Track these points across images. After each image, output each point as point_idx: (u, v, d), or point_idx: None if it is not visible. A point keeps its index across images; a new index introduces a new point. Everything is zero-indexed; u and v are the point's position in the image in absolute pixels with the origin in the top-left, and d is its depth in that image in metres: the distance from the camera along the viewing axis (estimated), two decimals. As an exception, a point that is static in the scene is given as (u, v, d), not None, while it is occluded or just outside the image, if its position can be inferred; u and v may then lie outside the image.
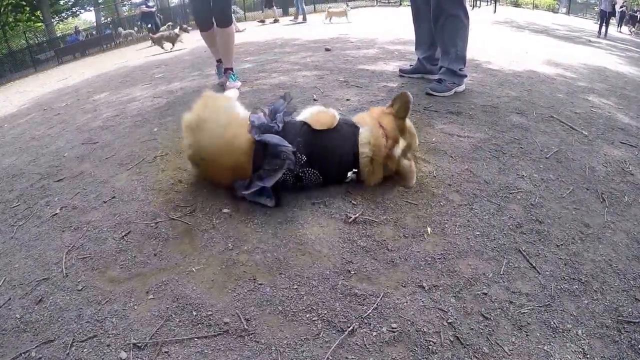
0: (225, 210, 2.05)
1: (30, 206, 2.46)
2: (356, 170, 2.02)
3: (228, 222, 1.97)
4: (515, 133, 2.79)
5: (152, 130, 3.24)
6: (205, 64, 5.37)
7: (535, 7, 24.62)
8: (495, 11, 12.65)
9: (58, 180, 2.71)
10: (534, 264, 1.72)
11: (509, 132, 2.79)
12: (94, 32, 23.80)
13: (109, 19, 26.58)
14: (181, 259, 1.80)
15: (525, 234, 1.88)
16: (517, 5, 24.21)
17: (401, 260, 1.69)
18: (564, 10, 23.63)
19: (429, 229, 1.86)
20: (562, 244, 1.84)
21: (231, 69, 4.11)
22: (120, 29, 20.43)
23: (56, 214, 2.31)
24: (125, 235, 1.99)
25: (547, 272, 1.69)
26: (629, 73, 5.70)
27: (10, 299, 1.69)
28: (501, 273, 1.67)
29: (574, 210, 2.07)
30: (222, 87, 3.91)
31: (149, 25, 17.71)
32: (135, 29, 21.40)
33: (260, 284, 1.61)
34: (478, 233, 1.85)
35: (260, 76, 4.54)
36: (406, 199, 2.05)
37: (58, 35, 23.78)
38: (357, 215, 1.93)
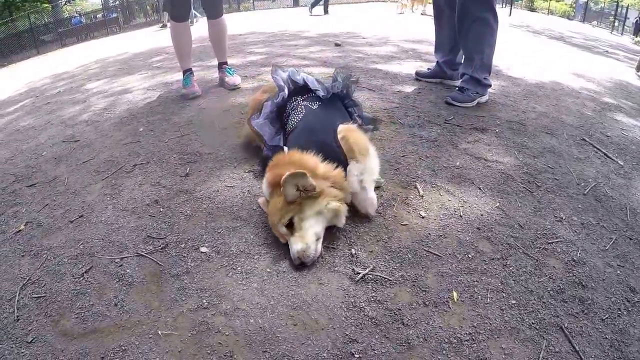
0: (203, 250, 1.66)
1: (-3, 215, 2.14)
2: None
3: (205, 267, 1.58)
4: (548, 159, 2.38)
5: (138, 130, 2.85)
6: (207, 53, 4.94)
7: (550, 12, 23.88)
8: (510, 14, 12.09)
9: (30, 185, 2.39)
10: (577, 347, 1.32)
11: (541, 158, 2.38)
12: (98, 16, 22.54)
13: (117, 2, 25.30)
14: (145, 314, 1.41)
15: (567, 302, 1.48)
16: (532, 10, 23.46)
17: (419, 341, 1.29)
18: (579, 17, 22.74)
19: (455, 294, 1.45)
20: (607, 317, 1.44)
21: (226, 63, 3.69)
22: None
23: (20, 230, 1.98)
24: (85, 272, 1.62)
25: (591, 359, 1.30)
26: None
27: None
28: (540, 360, 1.27)
29: (619, 268, 1.67)
30: (185, 99, 3.41)
31: None
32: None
33: (237, 365, 1.22)
34: (514, 302, 1.45)
35: (263, 71, 4.13)
36: (427, 247, 1.65)
37: (65, 16, 22.73)
38: (367, 271, 1.52)
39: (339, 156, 1.76)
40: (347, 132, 1.83)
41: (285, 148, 1.88)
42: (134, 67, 5.39)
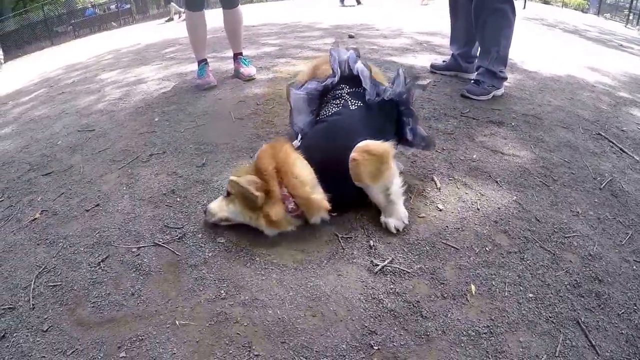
0: (220, 240, 1.65)
1: (13, 204, 2.15)
2: None
3: (223, 257, 1.57)
4: (564, 153, 2.34)
5: (153, 120, 2.85)
6: (221, 44, 4.92)
7: (565, 5, 23.46)
8: (524, 7, 11.91)
9: (46, 174, 2.39)
10: (594, 342, 1.30)
11: (557, 152, 2.34)
12: (111, 7, 22.50)
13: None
14: (163, 304, 1.41)
15: (583, 296, 1.46)
16: (546, 2, 23.00)
17: (438, 333, 1.28)
18: (594, 10, 22.16)
19: (472, 287, 1.44)
20: (623, 312, 1.42)
21: (241, 54, 3.66)
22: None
23: (36, 218, 1.98)
24: (102, 262, 1.62)
25: (607, 353, 1.28)
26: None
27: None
28: (556, 354, 1.26)
29: (635, 263, 1.64)
30: (200, 90, 3.37)
31: None
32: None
33: (256, 355, 1.22)
34: (531, 295, 1.43)
35: (278, 62, 4.10)
36: (445, 239, 1.63)
37: (78, 7, 22.73)
38: (385, 263, 1.51)
39: (341, 177, 1.59)
40: (361, 154, 1.56)
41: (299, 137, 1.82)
42: (147, 57, 5.37)
